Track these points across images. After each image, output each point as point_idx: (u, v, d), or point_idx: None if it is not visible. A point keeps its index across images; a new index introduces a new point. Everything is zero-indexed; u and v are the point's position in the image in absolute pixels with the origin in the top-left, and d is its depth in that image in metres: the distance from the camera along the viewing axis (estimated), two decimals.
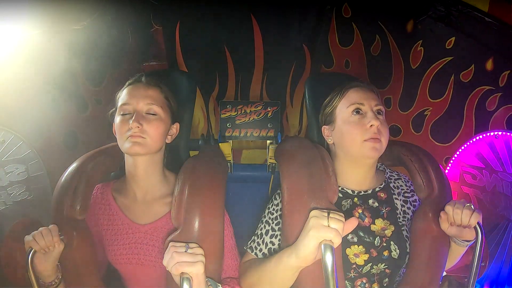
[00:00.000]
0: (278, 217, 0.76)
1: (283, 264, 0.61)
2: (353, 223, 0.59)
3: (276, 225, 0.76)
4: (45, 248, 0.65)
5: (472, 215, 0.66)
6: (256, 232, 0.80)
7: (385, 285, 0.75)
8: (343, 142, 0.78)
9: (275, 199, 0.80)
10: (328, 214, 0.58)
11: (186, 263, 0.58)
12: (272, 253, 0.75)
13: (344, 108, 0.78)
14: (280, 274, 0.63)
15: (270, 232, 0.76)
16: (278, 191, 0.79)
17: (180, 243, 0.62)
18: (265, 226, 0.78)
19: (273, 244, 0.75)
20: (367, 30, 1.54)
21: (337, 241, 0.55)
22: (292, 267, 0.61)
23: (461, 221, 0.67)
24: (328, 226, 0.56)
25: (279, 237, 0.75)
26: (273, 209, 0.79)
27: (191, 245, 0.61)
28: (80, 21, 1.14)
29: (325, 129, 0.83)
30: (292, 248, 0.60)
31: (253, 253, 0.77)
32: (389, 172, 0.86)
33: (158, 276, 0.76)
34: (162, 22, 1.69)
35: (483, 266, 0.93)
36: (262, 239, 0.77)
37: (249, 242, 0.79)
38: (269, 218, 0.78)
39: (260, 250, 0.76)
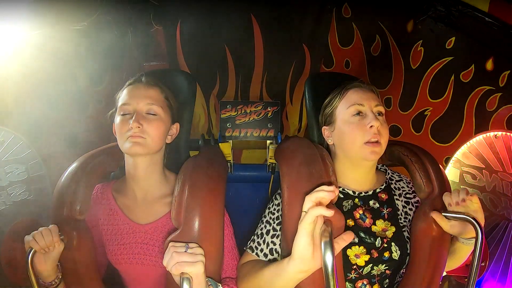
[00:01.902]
0: (280, 217, 0.76)
1: (283, 269, 0.60)
2: (349, 235, 0.60)
3: (277, 225, 0.76)
4: (45, 248, 0.65)
5: (469, 193, 0.68)
6: (256, 232, 0.79)
7: (385, 286, 0.75)
8: (343, 143, 0.77)
9: (276, 199, 0.80)
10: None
11: (186, 263, 0.58)
12: (273, 253, 0.74)
13: (344, 109, 0.78)
14: (280, 280, 0.62)
15: (271, 232, 0.76)
16: (279, 191, 0.79)
17: (180, 243, 0.62)
18: (265, 226, 0.78)
19: (274, 244, 0.75)
20: (367, 30, 1.54)
21: (323, 212, 0.54)
22: (291, 271, 0.59)
23: (459, 197, 0.68)
24: (305, 212, 0.55)
25: (280, 237, 0.74)
26: (274, 209, 0.78)
27: (191, 245, 0.61)
28: (80, 21, 1.14)
29: (325, 130, 0.83)
30: (290, 255, 0.59)
31: (254, 253, 0.76)
32: (391, 173, 0.86)
33: (158, 276, 0.76)
34: (163, 22, 1.69)
35: (483, 266, 0.93)
36: (263, 239, 0.76)
37: (248, 242, 0.79)
38: (270, 218, 0.78)
39: (261, 250, 0.76)
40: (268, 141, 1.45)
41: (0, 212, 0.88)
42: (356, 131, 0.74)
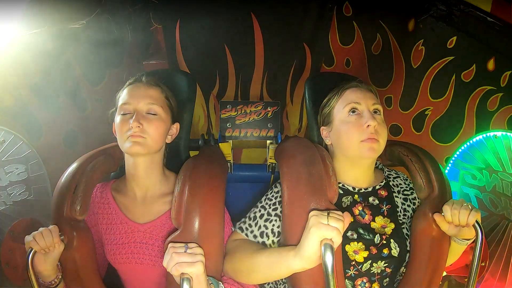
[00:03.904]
0: (277, 203, 0.76)
1: (287, 263, 0.61)
2: (347, 218, 0.60)
3: (273, 210, 0.76)
4: (45, 249, 0.65)
5: (470, 214, 0.66)
6: (248, 215, 0.79)
7: (385, 284, 0.75)
8: (341, 142, 0.77)
9: (275, 187, 0.80)
10: (328, 214, 0.58)
11: (186, 263, 0.58)
12: (263, 237, 0.74)
13: (341, 108, 0.78)
14: (279, 271, 0.63)
15: (265, 216, 0.76)
16: (279, 181, 0.78)
17: (179, 244, 0.62)
18: (260, 210, 0.77)
19: (266, 228, 0.75)
20: (368, 29, 1.54)
21: (337, 240, 0.56)
22: (295, 268, 0.61)
23: (459, 221, 0.67)
24: (328, 224, 0.56)
25: (273, 222, 0.75)
26: (272, 196, 0.78)
27: (190, 245, 0.61)
28: (79, 20, 1.14)
29: (323, 130, 0.83)
30: (296, 250, 0.60)
31: (243, 234, 0.76)
32: (387, 170, 0.86)
33: (157, 276, 0.76)
34: (162, 20, 1.68)
35: (483, 266, 0.93)
36: (256, 221, 0.76)
37: (238, 223, 0.79)
38: (266, 203, 0.78)
39: (252, 231, 0.76)
40: (268, 141, 1.45)
41: (0, 212, 0.88)
42: (352, 130, 0.74)
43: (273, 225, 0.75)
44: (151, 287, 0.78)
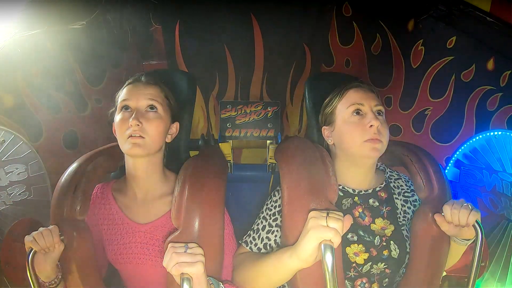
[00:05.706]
0: (276, 213, 0.77)
1: (284, 264, 0.62)
2: (348, 220, 0.60)
3: (273, 221, 0.76)
4: (46, 249, 0.65)
5: (470, 214, 0.66)
6: (252, 227, 0.80)
7: (384, 285, 0.75)
8: (343, 142, 0.77)
9: (274, 195, 0.80)
10: (327, 214, 0.58)
11: (186, 263, 0.58)
12: (267, 248, 0.75)
13: (344, 108, 0.78)
14: (279, 274, 0.64)
15: (267, 228, 0.76)
16: (278, 188, 0.79)
17: (179, 244, 0.62)
18: (262, 222, 0.78)
19: (269, 240, 0.75)
20: (367, 29, 1.54)
21: (336, 241, 0.56)
22: (292, 268, 0.61)
23: (459, 221, 0.67)
24: (327, 226, 0.56)
25: (275, 233, 0.75)
26: (271, 205, 0.79)
27: (190, 245, 0.61)
28: (79, 20, 1.14)
29: (325, 130, 0.83)
30: (293, 249, 0.60)
31: (248, 247, 0.77)
32: (389, 171, 0.86)
33: (158, 276, 0.76)
34: (162, 21, 1.69)
35: (483, 266, 0.93)
36: (258, 234, 0.77)
37: (244, 237, 0.80)
38: (267, 214, 0.79)
39: (255, 245, 0.76)
40: (268, 141, 1.45)
41: (0, 212, 0.88)
42: (355, 130, 0.74)
43: (275, 235, 0.75)
44: (152, 287, 0.78)
